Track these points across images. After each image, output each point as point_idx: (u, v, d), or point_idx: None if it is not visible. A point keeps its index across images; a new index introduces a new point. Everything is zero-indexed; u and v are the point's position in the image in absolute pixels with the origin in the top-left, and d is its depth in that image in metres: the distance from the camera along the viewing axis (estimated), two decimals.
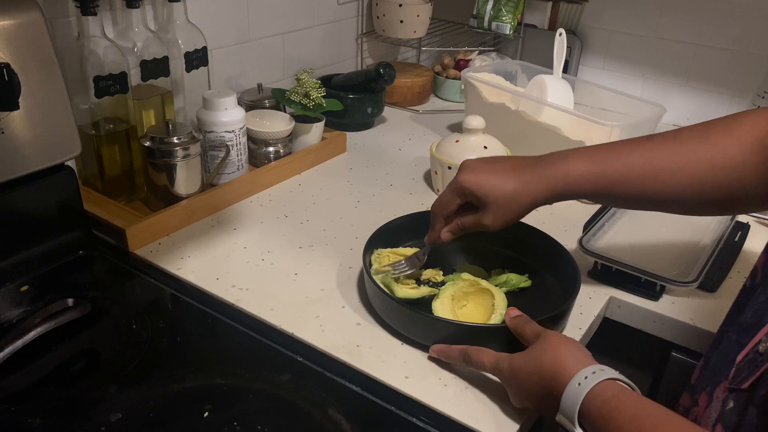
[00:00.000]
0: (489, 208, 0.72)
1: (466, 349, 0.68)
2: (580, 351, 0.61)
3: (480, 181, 0.72)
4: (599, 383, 0.55)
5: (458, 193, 0.74)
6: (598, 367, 0.57)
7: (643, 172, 0.68)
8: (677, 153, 0.68)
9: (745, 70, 1.35)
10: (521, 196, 0.71)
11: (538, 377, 0.60)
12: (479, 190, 0.72)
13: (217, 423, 0.62)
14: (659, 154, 0.68)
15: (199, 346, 0.75)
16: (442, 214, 0.77)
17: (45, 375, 0.68)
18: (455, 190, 0.74)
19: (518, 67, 1.33)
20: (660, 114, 1.10)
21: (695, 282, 0.82)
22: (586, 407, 0.55)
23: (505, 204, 0.71)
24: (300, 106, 1.12)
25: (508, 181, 0.71)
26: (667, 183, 0.68)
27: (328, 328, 0.76)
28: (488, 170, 0.73)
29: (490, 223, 0.73)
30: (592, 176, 0.69)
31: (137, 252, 0.88)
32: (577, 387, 0.56)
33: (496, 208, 0.72)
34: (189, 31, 1.01)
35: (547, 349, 0.61)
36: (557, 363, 0.59)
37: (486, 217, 0.73)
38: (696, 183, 0.66)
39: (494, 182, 0.72)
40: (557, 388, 0.57)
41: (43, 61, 0.78)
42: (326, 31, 1.39)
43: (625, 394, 0.54)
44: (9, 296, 0.78)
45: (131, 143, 0.97)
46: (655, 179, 0.68)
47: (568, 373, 0.57)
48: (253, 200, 1.04)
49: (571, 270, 0.80)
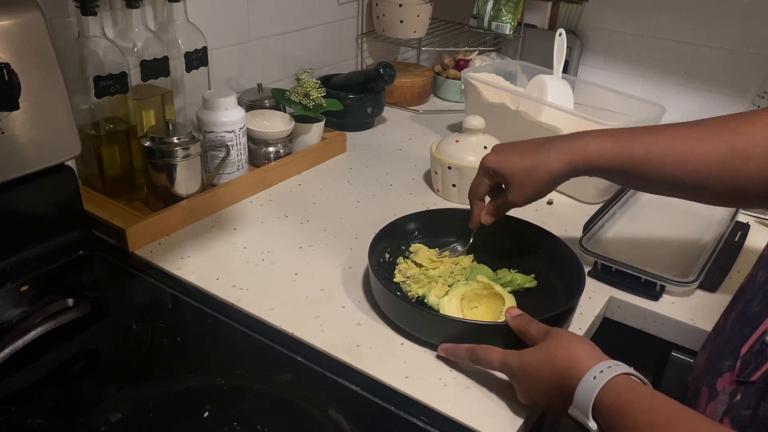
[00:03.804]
0: (511, 185, 0.77)
1: (474, 348, 0.68)
2: (592, 347, 0.61)
3: (500, 159, 0.77)
4: (614, 377, 0.56)
5: (484, 174, 0.79)
6: (613, 362, 0.58)
7: (662, 153, 0.69)
8: (700, 138, 0.68)
9: (745, 70, 1.35)
10: (539, 170, 0.74)
11: (550, 372, 0.60)
12: (500, 168, 0.77)
13: (217, 423, 0.62)
14: (681, 138, 0.69)
15: (199, 346, 0.75)
16: (474, 197, 0.82)
17: (45, 375, 0.68)
18: (482, 171, 0.80)
19: (518, 67, 1.33)
20: (660, 114, 1.10)
21: (695, 282, 0.82)
22: (600, 400, 0.55)
23: (524, 179, 0.75)
24: (300, 106, 1.12)
25: (526, 157, 0.76)
26: (688, 166, 0.68)
27: (328, 328, 0.76)
28: (510, 149, 0.78)
29: (513, 198, 0.77)
30: (609, 152, 0.71)
31: (137, 252, 0.88)
32: (592, 380, 0.56)
33: (516, 183, 0.76)
34: (189, 31, 1.01)
35: (560, 345, 0.62)
36: (571, 358, 0.60)
37: (510, 194, 0.77)
38: (717, 169, 0.67)
39: (513, 159, 0.76)
40: (571, 383, 0.58)
41: (43, 61, 0.78)
42: (326, 31, 1.39)
43: (639, 388, 0.55)
44: (9, 296, 0.78)
45: (131, 143, 0.97)
46: (675, 161, 0.68)
47: (582, 367, 0.58)
48: (253, 200, 1.04)
49: (576, 268, 0.80)
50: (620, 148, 0.71)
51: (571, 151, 0.73)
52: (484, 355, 0.67)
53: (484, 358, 0.67)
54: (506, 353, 0.66)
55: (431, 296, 0.79)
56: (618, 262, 0.85)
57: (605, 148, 0.71)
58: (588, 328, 0.80)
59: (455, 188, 1.05)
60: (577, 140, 0.73)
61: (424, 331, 0.74)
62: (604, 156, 0.71)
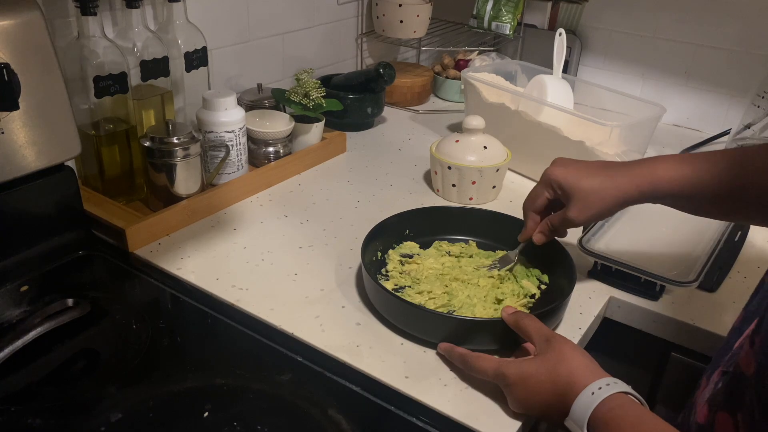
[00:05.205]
0: (573, 201, 0.74)
1: (466, 356, 0.69)
2: (592, 362, 0.62)
3: (567, 174, 0.75)
4: (612, 395, 0.57)
5: (546, 186, 0.77)
6: (612, 379, 0.59)
7: (732, 180, 0.66)
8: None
9: (745, 70, 1.35)
10: (606, 191, 0.72)
11: (551, 386, 0.61)
12: (565, 182, 0.74)
13: (217, 423, 0.62)
14: (752, 167, 0.66)
15: (199, 346, 0.75)
16: (531, 208, 0.80)
17: (45, 375, 0.68)
18: (543, 182, 0.77)
19: (518, 67, 1.33)
20: (660, 114, 1.10)
21: (695, 282, 0.82)
22: (595, 414, 0.57)
23: (588, 197, 0.73)
24: (300, 106, 1.12)
25: (595, 176, 0.73)
26: (759, 196, 0.65)
27: (328, 328, 0.76)
28: (577, 165, 0.76)
29: (574, 216, 0.74)
30: (680, 178, 0.69)
31: (137, 252, 0.88)
32: (590, 395, 0.57)
33: (580, 201, 0.73)
34: (189, 31, 1.01)
35: (562, 359, 0.62)
36: (572, 373, 0.61)
37: (571, 211, 0.74)
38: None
39: (581, 175, 0.74)
40: (569, 396, 0.59)
41: (43, 61, 0.78)
42: (326, 31, 1.39)
43: (630, 405, 0.56)
44: (9, 296, 0.78)
45: (131, 143, 0.97)
46: (743, 190, 0.66)
47: (582, 382, 0.59)
48: (253, 200, 1.04)
49: (568, 267, 0.80)
50: (690, 175, 0.68)
51: (642, 176, 0.71)
52: (476, 363, 0.67)
53: (478, 367, 0.67)
54: (501, 362, 0.66)
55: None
56: (618, 262, 0.85)
57: (677, 174, 0.69)
58: (588, 328, 0.80)
59: (455, 188, 1.06)
60: (648, 165, 0.71)
61: (417, 329, 0.74)
62: (677, 182, 0.69)
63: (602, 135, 1.03)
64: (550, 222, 0.79)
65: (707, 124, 1.43)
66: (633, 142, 1.09)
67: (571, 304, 0.80)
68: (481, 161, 1.04)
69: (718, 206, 0.70)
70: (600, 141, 1.04)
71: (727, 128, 1.38)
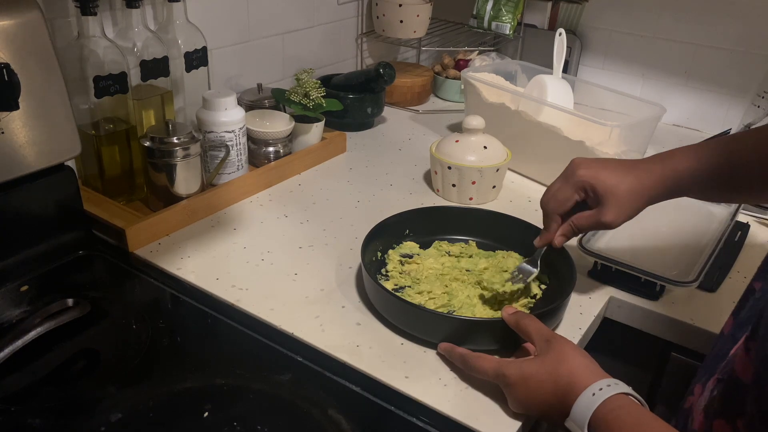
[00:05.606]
0: (609, 205, 0.71)
1: (466, 356, 0.69)
2: (592, 363, 0.62)
3: (600, 176, 0.72)
4: (612, 396, 0.57)
5: (577, 189, 0.74)
6: (613, 381, 0.59)
7: (751, 165, 0.66)
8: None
9: (745, 70, 1.35)
10: (638, 192, 0.71)
11: (552, 387, 0.61)
12: (600, 185, 0.71)
13: (217, 423, 0.62)
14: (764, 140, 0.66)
15: (199, 346, 0.75)
16: (557, 212, 0.76)
17: (45, 375, 0.68)
18: (574, 185, 0.74)
19: (518, 67, 1.33)
20: (660, 114, 1.10)
21: (695, 282, 0.82)
22: (595, 415, 0.57)
23: (623, 199, 0.71)
24: (300, 106, 1.12)
25: (626, 177, 0.71)
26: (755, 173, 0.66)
27: (328, 328, 0.76)
28: (604, 166, 0.73)
29: (611, 219, 0.72)
30: (701, 171, 0.69)
31: (137, 252, 0.88)
32: (591, 396, 0.57)
33: (615, 204, 0.71)
34: (189, 31, 1.01)
35: (563, 359, 0.62)
36: (573, 374, 0.61)
37: (607, 214, 0.71)
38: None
39: (613, 177, 0.71)
40: (570, 397, 0.59)
41: (43, 61, 0.78)
42: (326, 31, 1.39)
43: (630, 406, 0.56)
44: (9, 296, 0.78)
45: (131, 143, 0.97)
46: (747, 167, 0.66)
47: (582, 383, 0.59)
48: (253, 200, 1.04)
49: (568, 267, 0.80)
50: (710, 166, 0.68)
51: (664, 174, 0.70)
52: (476, 363, 0.67)
53: (478, 367, 0.67)
54: (501, 362, 0.66)
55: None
56: (618, 262, 0.85)
57: (696, 167, 0.69)
58: (588, 328, 0.80)
59: (455, 188, 1.06)
60: (667, 162, 0.71)
61: (418, 329, 0.74)
62: (699, 175, 0.69)
63: (602, 135, 1.03)
64: (575, 225, 0.75)
65: (707, 124, 1.43)
66: (633, 142, 1.09)
67: (571, 304, 0.80)
68: (481, 161, 1.04)
69: (747, 196, 0.70)
70: (600, 141, 1.04)
71: (727, 128, 1.38)
